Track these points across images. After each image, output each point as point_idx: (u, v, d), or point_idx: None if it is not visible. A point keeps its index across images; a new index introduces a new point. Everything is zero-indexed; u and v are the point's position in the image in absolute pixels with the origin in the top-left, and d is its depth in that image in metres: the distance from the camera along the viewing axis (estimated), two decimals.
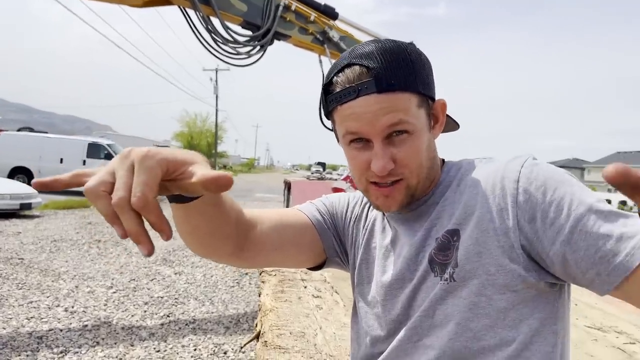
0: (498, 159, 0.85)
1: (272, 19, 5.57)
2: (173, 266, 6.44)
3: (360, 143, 0.80)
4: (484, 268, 0.75)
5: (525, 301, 0.76)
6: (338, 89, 0.78)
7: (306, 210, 0.99)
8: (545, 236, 0.71)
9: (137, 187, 0.50)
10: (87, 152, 16.91)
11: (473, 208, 0.79)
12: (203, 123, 54.39)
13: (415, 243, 0.84)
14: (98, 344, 3.67)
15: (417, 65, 0.77)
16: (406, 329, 0.83)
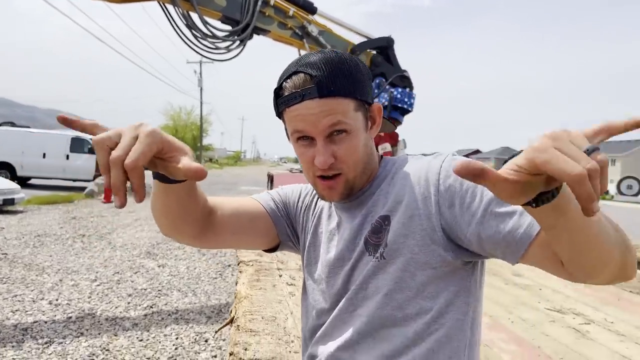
0: (426, 157, 0.99)
1: (251, 14, 5.65)
2: (157, 259, 6.54)
3: (307, 141, 0.92)
4: (409, 248, 0.89)
5: (442, 276, 0.90)
6: (286, 93, 0.89)
7: (262, 199, 1.12)
8: (462, 219, 0.85)
9: (133, 153, 0.61)
10: (70, 146, 16.80)
11: (402, 197, 0.93)
12: (188, 116, 54.08)
13: (354, 227, 0.98)
14: (82, 335, 3.77)
15: (355, 74, 0.90)
16: (344, 301, 0.97)
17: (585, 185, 0.48)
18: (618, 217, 2.88)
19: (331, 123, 0.88)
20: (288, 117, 0.92)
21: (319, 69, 0.87)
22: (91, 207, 11.58)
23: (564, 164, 0.49)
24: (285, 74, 0.91)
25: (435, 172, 0.90)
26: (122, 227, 8.87)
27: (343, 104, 0.88)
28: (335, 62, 0.88)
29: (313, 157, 0.92)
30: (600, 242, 0.67)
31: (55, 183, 17.63)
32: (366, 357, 0.92)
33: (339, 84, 0.87)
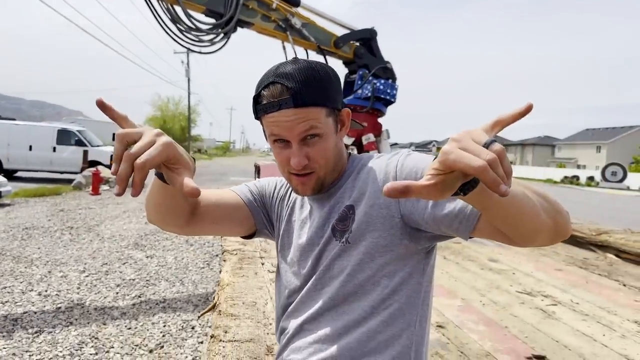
0: (387, 155, 1.13)
1: (234, 7, 5.71)
2: (145, 250, 6.62)
3: (282, 143, 1.05)
4: (371, 234, 1.03)
5: (399, 258, 1.04)
6: (264, 102, 1.00)
7: (240, 191, 1.25)
8: (419, 205, 0.98)
9: (145, 156, 0.72)
10: (57, 138, 16.71)
11: (365, 189, 1.07)
12: (176, 107, 53.72)
13: (323, 215, 1.12)
14: (71, 324, 3.87)
15: (326, 84, 1.02)
16: (313, 280, 1.11)
17: (488, 173, 0.59)
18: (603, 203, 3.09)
19: (305, 129, 1.00)
20: (266, 122, 1.05)
21: (294, 80, 0.98)
22: (79, 200, 11.59)
23: (467, 160, 0.60)
24: (263, 83, 1.02)
25: (394, 165, 1.04)
26: (110, 219, 8.93)
27: (315, 111, 1.00)
28: (309, 74, 1.00)
29: (288, 157, 1.04)
30: (528, 212, 0.80)
31: (42, 175, 17.56)
32: (329, 327, 1.06)
33: (312, 95, 0.99)
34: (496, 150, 0.61)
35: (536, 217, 0.81)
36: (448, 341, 2.43)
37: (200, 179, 20.57)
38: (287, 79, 0.99)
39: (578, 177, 42.14)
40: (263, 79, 1.03)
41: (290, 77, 0.99)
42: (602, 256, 5.06)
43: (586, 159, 60.95)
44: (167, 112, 53.16)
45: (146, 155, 0.72)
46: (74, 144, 16.82)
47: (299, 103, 0.98)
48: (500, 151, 0.61)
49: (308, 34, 6.25)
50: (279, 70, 1.01)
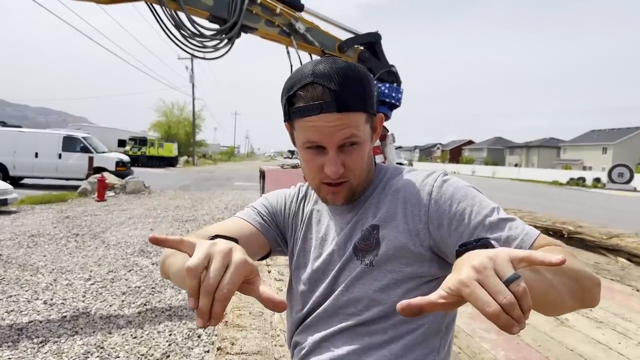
0: (418, 173, 1.06)
1: (238, 13, 5.68)
2: (150, 257, 6.60)
3: (317, 149, 0.98)
4: (398, 260, 0.98)
5: (426, 285, 0.99)
6: (302, 104, 0.93)
7: (248, 217, 1.16)
8: (450, 239, 0.93)
9: (227, 284, 0.63)
10: (63, 145, 16.78)
11: (393, 211, 1.00)
12: (180, 112, 53.86)
13: (345, 233, 1.06)
14: (77, 333, 3.84)
15: (366, 87, 0.96)
16: (331, 300, 1.05)
17: (501, 318, 0.55)
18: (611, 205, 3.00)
19: (345, 137, 0.94)
20: (301, 126, 0.97)
21: (336, 82, 0.91)
22: (84, 206, 11.60)
23: (482, 302, 0.56)
24: (299, 82, 0.94)
25: (427, 192, 0.98)
26: (116, 226, 8.92)
27: (357, 118, 0.94)
28: (350, 76, 0.93)
29: (321, 165, 0.97)
30: (551, 303, 0.75)
31: (48, 182, 17.60)
32: (348, 347, 1.01)
33: (355, 100, 0.93)
34: (517, 291, 0.56)
35: (560, 305, 0.77)
36: (460, 350, 2.37)
37: (206, 184, 20.58)
38: (328, 80, 0.92)
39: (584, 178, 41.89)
40: (298, 77, 0.95)
41: (331, 78, 0.92)
42: (613, 260, 4.99)
43: (592, 161, 60.60)
44: (172, 118, 53.26)
45: (227, 286, 0.63)
46: (80, 150, 16.88)
47: (342, 108, 0.91)
48: (521, 292, 0.56)
49: (312, 38, 6.22)
50: (317, 70, 0.93)
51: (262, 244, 1.15)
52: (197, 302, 0.63)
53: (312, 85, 0.92)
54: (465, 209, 0.93)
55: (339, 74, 0.92)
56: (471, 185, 1.00)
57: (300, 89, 0.93)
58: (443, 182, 0.99)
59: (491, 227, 0.91)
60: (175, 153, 39.58)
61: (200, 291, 0.63)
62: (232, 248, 0.68)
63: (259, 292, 0.68)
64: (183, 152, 48.09)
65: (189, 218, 10.28)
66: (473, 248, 0.70)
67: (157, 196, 14.73)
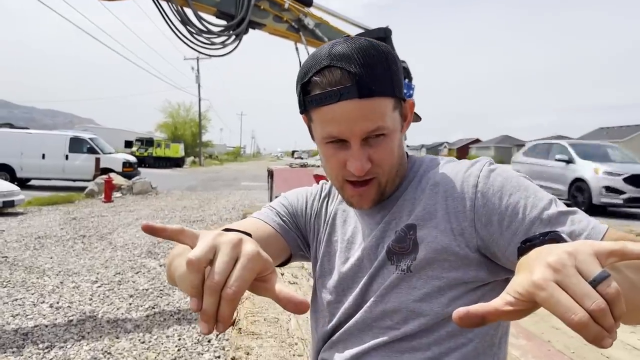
0: (459, 163, 0.92)
1: (246, 8, 5.57)
2: (158, 258, 6.48)
3: (338, 143, 0.84)
4: (440, 264, 0.83)
5: (473, 291, 0.84)
6: (318, 91, 0.80)
7: (267, 217, 1.02)
8: (501, 238, 0.79)
9: (236, 281, 0.51)
10: (70, 146, 16.77)
11: (433, 207, 0.86)
12: (186, 113, 53.98)
13: (375, 235, 0.91)
14: (83, 338, 3.72)
15: (393, 68, 0.81)
16: (363, 312, 0.90)
17: (589, 329, 0.42)
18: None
19: (370, 129, 0.80)
20: (319, 118, 0.83)
21: (357, 63, 0.77)
22: (91, 207, 11.53)
23: (564, 309, 0.43)
24: (314, 66, 0.81)
25: (472, 184, 0.84)
26: (123, 227, 8.82)
27: (383, 104, 0.80)
28: (373, 55, 0.79)
29: (344, 160, 0.84)
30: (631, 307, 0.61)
31: (55, 184, 17.59)
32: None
33: (380, 83, 0.79)
34: (608, 293, 0.43)
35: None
36: None
37: (213, 185, 20.52)
38: (347, 62, 0.78)
39: None
40: (313, 61, 0.82)
41: (351, 59, 0.78)
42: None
43: None
44: (178, 119, 53.40)
45: (237, 282, 0.51)
46: (86, 151, 16.85)
47: (365, 93, 0.77)
48: (613, 295, 0.43)
49: (321, 34, 6.10)
50: (335, 51, 0.79)
51: (282, 248, 1.01)
52: (201, 303, 0.51)
53: (329, 68, 0.78)
54: (519, 202, 0.79)
55: (360, 54, 0.78)
56: (522, 175, 0.85)
57: (316, 74, 0.80)
58: (490, 171, 0.84)
59: (550, 221, 0.77)
60: (182, 154, 39.61)
61: (204, 289, 0.51)
62: (242, 239, 0.55)
63: (275, 291, 0.54)
64: (189, 153, 48.17)
65: (197, 219, 10.18)
66: (541, 243, 0.57)
67: (164, 197, 14.65)
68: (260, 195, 15.14)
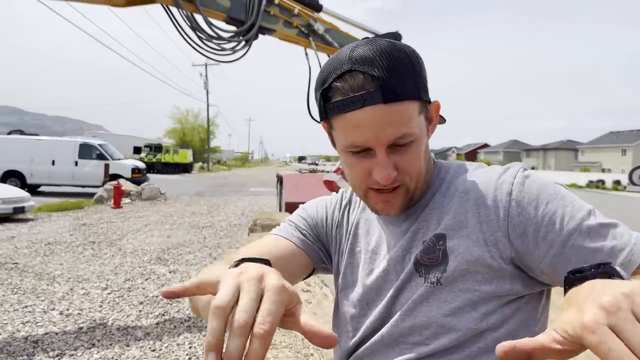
0: (490, 169, 0.87)
1: (255, 14, 5.55)
2: (167, 265, 6.46)
3: (362, 151, 0.80)
4: (472, 276, 0.78)
5: (508, 306, 0.79)
6: (339, 97, 0.76)
7: (286, 234, 0.98)
8: (537, 250, 0.75)
9: (268, 316, 0.46)
10: (79, 152, 16.86)
11: (463, 216, 0.81)
12: (195, 119, 54.22)
13: (402, 245, 0.87)
14: (94, 346, 3.70)
15: (417, 69, 0.77)
16: (390, 326, 0.85)
17: None
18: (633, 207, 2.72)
19: (396, 136, 0.76)
20: (342, 126, 0.79)
21: (380, 67, 0.73)
22: (101, 213, 11.56)
23: (616, 356, 0.38)
24: (334, 71, 0.76)
25: (506, 192, 0.79)
26: (132, 233, 8.82)
27: (408, 109, 0.76)
28: (396, 57, 0.74)
29: (369, 169, 0.80)
30: None
31: (64, 190, 17.68)
32: None
33: (404, 86, 0.74)
34: None
35: None
36: None
37: (222, 190, 20.53)
38: (369, 65, 0.73)
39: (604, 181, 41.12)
40: (333, 66, 0.77)
41: (374, 62, 0.73)
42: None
43: (611, 163, 59.55)
44: (187, 125, 53.64)
45: (269, 317, 0.46)
46: (96, 157, 16.94)
47: (390, 97, 0.73)
48: None
49: (331, 39, 6.07)
50: (356, 54, 0.75)
51: (305, 263, 0.97)
52: (220, 357, 0.44)
53: (351, 73, 0.74)
54: (556, 212, 0.75)
55: (383, 57, 0.73)
56: (558, 182, 0.80)
57: (337, 79, 0.75)
58: (524, 178, 0.80)
59: (590, 234, 0.72)
60: (190, 159, 39.74)
61: (230, 331, 0.45)
62: (264, 273, 0.51)
63: (301, 324, 0.49)
64: (198, 159, 48.34)
65: (206, 224, 10.17)
66: (592, 276, 0.52)
67: (173, 202, 14.67)
68: (269, 201, 15.12)
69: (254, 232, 3.95)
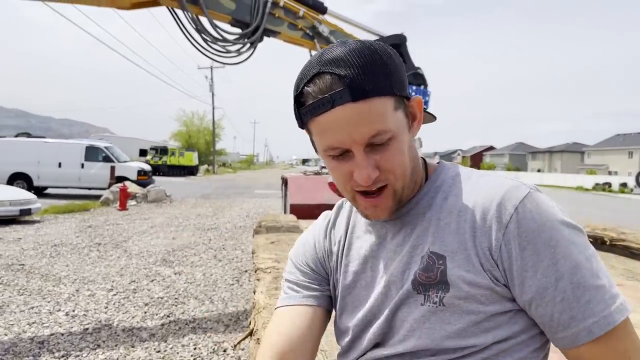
0: (492, 177, 0.84)
1: (260, 16, 5.58)
2: (173, 266, 6.48)
3: (341, 153, 0.78)
4: (475, 298, 0.77)
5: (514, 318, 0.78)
6: (310, 101, 0.75)
7: (294, 300, 0.96)
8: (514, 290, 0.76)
9: None
10: (85, 155, 16.96)
11: (462, 237, 0.79)
12: (200, 121, 54.42)
13: (402, 260, 0.84)
14: (99, 347, 3.71)
15: (389, 65, 0.75)
16: (389, 347, 0.84)
17: None
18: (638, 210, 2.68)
19: (370, 135, 0.74)
20: (316, 129, 0.78)
21: (348, 65, 0.72)
22: (107, 215, 11.61)
23: None
24: (305, 76, 0.76)
25: (504, 222, 0.76)
26: (138, 235, 8.85)
27: (381, 105, 0.73)
28: (365, 55, 0.73)
29: (350, 171, 0.78)
30: None
31: (70, 192, 17.77)
32: None
33: (374, 81, 0.72)
34: None
35: None
36: None
37: (227, 193, 20.57)
38: (337, 66, 0.72)
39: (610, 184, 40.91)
40: (304, 72, 0.77)
41: (342, 62, 0.72)
42: None
43: (617, 165, 59.20)
44: (192, 127, 53.85)
45: None
46: (102, 160, 17.03)
47: (358, 95, 0.71)
48: None
49: (336, 41, 6.09)
50: (325, 57, 0.74)
51: (324, 314, 0.96)
52: None
53: (319, 75, 0.73)
54: (542, 262, 0.73)
55: (351, 55, 0.73)
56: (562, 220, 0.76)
57: (307, 83, 0.75)
58: (526, 212, 0.75)
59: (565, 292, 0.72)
60: (196, 162, 39.89)
61: None
62: None
63: None
64: (203, 161, 48.49)
65: (211, 226, 10.19)
66: None
67: (179, 205, 14.72)
68: (274, 203, 15.14)
69: (259, 234, 3.95)
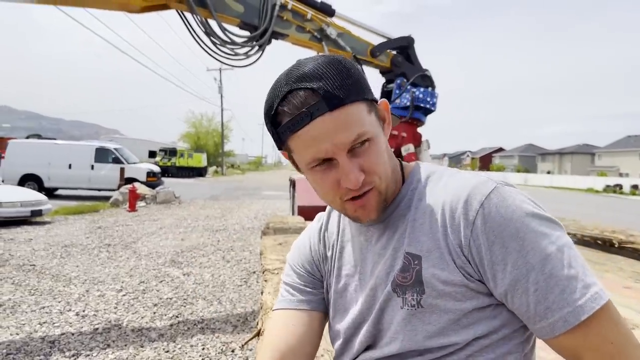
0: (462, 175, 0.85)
1: (269, 19, 5.60)
2: (181, 267, 6.53)
3: (324, 164, 0.80)
4: (452, 296, 0.78)
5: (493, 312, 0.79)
6: (287, 118, 0.77)
7: (290, 304, 0.99)
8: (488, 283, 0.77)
9: None
10: (95, 156, 17.11)
11: (436, 236, 0.80)
12: (209, 123, 54.64)
13: (386, 262, 0.86)
14: (109, 347, 3.75)
15: (354, 73, 0.78)
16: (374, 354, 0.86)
17: None
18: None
19: (351, 140, 0.77)
20: (297, 144, 0.79)
21: (319, 78, 0.75)
22: (116, 216, 11.71)
23: None
24: (276, 96, 0.78)
25: (470, 219, 0.77)
26: (147, 236, 8.92)
27: (356, 110, 0.77)
28: (331, 66, 0.77)
29: (336, 179, 0.80)
30: None
31: (80, 193, 17.94)
32: None
33: (346, 89, 0.76)
34: None
35: None
36: None
37: (235, 194, 20.64)
38: (309, 80, 0.75)
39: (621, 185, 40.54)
40: (274, 93, 0.79)
41: (312, 76, 0.75)
42: None
43: (629, 167, 58.60)
44: (201, 129, 54.10)
45: None
46: (111, 161, 17.16)
47: (335, 104, 0.74)
48: None
49: (344, 43, 6.10)
50: (294, 74, 0.77)
51: (321, 317, 0.98)
52: None
53: (292, 93, 0.76)
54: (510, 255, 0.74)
55: (320, 69, 0.76)
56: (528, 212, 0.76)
57: (281, 102, 0.77)
58: (491, 207, 0.76)
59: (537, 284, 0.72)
60: (204, 163, 40.06)
61: None
62: None
63: None
64: (212, 163, 48.70)
65: (219, 228, 10.24)
66: None
67: (187, 206, 14.80)
68: (282, 205, 15.17)
69: (267, 235, 3.97)
